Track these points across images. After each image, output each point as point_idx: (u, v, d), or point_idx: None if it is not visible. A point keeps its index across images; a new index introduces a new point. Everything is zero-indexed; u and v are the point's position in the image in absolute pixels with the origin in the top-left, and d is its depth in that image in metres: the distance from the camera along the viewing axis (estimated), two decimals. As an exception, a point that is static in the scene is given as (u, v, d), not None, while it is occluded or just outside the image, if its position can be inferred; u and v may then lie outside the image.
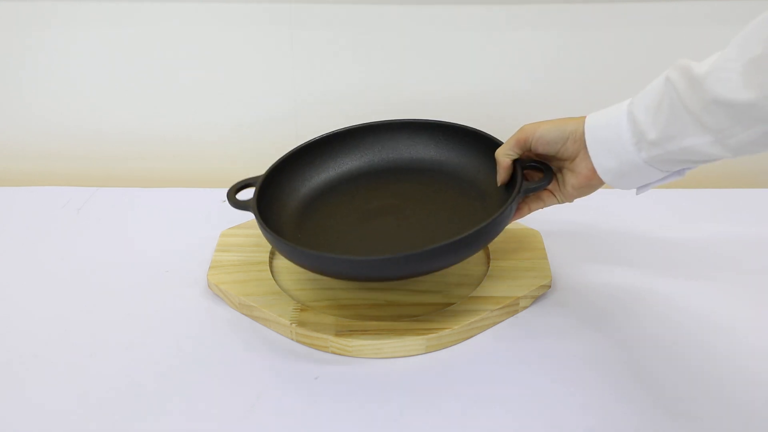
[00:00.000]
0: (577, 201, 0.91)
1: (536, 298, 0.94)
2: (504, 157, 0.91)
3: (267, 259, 0.98)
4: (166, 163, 1.24)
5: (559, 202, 0.92)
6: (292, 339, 0.88)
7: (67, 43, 1.16)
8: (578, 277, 0.98)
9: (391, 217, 0.96)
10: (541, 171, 0.90)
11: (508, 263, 0.97)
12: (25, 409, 0.80)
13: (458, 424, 0.79)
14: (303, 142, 1.00)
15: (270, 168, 0.96)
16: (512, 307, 0.92)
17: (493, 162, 0.93)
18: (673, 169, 0.81)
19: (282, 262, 0.99)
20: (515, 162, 0.90)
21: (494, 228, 0.85)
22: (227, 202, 0.93)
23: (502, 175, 0.92)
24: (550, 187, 0.91)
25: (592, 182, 0.86)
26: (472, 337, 0.89)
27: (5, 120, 1.22)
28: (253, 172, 1.16)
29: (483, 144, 0.97)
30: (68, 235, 1.07)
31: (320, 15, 1.13)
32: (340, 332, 0.86)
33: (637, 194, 0.86)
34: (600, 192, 1.11)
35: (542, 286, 0.94)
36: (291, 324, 0.88)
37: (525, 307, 0.93)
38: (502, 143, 0.92)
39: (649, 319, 0.91)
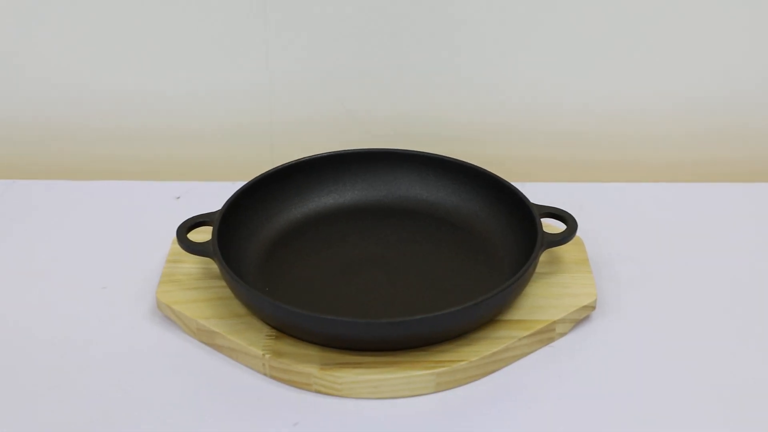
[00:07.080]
0: (627, 199, 0.92)
1: (577, 323, 0.85)
2: None
3: (233, 273, 0.91)
4: (105, 148, 1.14)
5: None
6: (265, 374, 0.80)
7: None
8: (631, 296, 0.89)
9: (378, 271, 0.91)
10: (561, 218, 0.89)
11: (541, 277, 0.89)
12: None
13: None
14: (261, 173, 0.94)
15: (227, 203, 0.89)
16: (546, 334, 0.83)
17: (494, 204, 0.93)
18: None
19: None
20: (531, 210, 0.89)
21: (515, 292, 0.82)
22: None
23: None
24: None
25: None
26: (494, 372, 0.81)
27: None
28: (213, 160, 1.13)
29: (481, 182, 0.94)
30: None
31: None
32: (327, 365, 0.78)
33: None
34: (651, 187, 1.07)
35: (585, 307, 0.85)
36: (264, 355, 0.79)
37: (563, 334, 0.84)
38: (505, 181, 0.92)
39: (718, 350, 0.82)
